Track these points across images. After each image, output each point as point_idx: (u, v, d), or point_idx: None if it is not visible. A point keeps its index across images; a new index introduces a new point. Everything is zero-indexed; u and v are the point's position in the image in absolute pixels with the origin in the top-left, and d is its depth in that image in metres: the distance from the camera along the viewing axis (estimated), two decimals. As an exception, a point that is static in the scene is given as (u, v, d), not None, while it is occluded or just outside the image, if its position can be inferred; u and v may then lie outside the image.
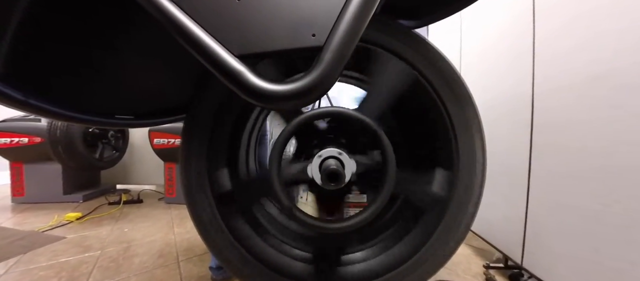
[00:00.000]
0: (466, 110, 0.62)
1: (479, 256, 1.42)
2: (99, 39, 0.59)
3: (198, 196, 0.64)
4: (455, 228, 0.61)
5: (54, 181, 2.36)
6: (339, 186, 0.54)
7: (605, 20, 0.80)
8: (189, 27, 0.33)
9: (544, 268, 1.00)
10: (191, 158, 0.64)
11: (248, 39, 0.34)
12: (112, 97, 0.77)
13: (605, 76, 0.79)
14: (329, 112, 0.54)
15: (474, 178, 0.62)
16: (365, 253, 0.70)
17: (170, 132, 2.26)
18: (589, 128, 0.84)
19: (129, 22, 0.57)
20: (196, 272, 1.24)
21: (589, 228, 0.84)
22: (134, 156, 3.03)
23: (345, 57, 0.35)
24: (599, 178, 0.81)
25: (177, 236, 1.68)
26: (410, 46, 0.60)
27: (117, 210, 2.22)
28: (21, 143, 2.24)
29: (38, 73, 0.57)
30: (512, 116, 1.18)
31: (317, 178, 0.56)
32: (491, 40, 1.37)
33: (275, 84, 0.35)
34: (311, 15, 0.35)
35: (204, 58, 0.34)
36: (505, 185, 1.22)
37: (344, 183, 0.54)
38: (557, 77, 0.96)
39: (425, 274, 0.61)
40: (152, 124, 0.92)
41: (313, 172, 0.57)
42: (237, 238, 0.65)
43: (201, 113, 0.64)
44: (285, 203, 0.53)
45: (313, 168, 0.57)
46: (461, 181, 0.62)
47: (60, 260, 1.35)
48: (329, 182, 0.52)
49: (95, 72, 0.67)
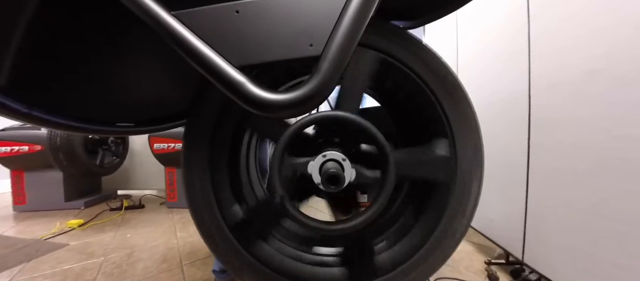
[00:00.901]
0: (461, 107, 0.63)
1: (481, 253, 1.43)
2: (100, 51, 0.60)
3: (201, 201, 0.65)
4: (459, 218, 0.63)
5: (55, 188, 2.37)
6: (336, 189, 0.55)
7: (599, 14, 0.81)
8: (189, 41, 0.34)
9: (545, 263, 1.01)
10: (193, 164, 0.65)
11: (247, 50, 0.35)
12: (113, 106, 0.78)
13: (601, 70, 0.80)
14: (324, 117, 0.54)
15: (473, 173, 0.63)
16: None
17: (170, 136, 2.27)
18: (586, 123, 0.85)
19: (130, 33, 0.58)
20: (200, 276, 1.25)
21: (588, 223, 0.85)
22: (134, 161, 3.04)
23: (342, 65, 0.36)
24: (597, 172, 0.82)
25: (179, 240, 1.68)
26: (405, 48, 0.61)
27: (119, 215, 2.23)
28: (22, 151, 2.25)
29: (41, 85, 0.58)
30: (510, 113, 1.19)
31: (315, 176, 0.57)
32: (487, 38, 1.38)
33: (274, 94, 0.35)
34: (308, 26, 0.36)
35: (205, 70, 0.35)
36: (504, 182, 1.23)
37: (341, 188, 0.55)
38: (553, 73, 0.97)
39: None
40: (153, 131, 0.93)
41: (313, 170, 0.58)
42: (242, 244, 0.66)
43: (202, 119, 0.65)
44: (279, 193, 0.53)
45: (314, 165, 0.58)
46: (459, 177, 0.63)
47: (64, 267, 1.35)
48: (328, 184, 0.53)
49: (96, 82, 0.68)
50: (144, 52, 0.64)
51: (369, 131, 0.54)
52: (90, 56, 0.59)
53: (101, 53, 0.61)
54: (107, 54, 0.63)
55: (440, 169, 0.62)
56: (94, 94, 0.70)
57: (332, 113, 0.57)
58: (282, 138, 0.54)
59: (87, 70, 0.64)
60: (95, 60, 0.63)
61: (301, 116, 0.54)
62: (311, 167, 0.58)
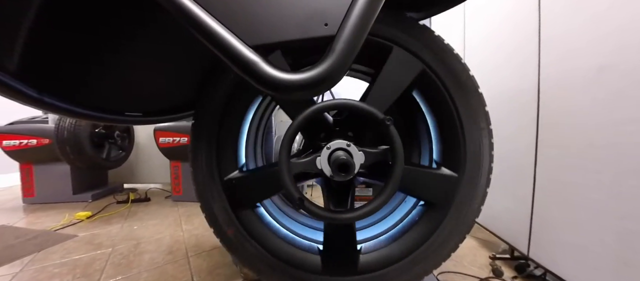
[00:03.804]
0: (472, 101, 0.63)
1: (485, 248, 1.42)
2: (111, 37, 0.60)
3: (208, 189, 0.65)
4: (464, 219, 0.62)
5: (63, 181, 2.40)
6: (349, 177, 0.55)
7: (610, 10, 0.79)
8: (203, 19, 0.34)
9: (551, 258, 1.00)
10: (200, 155, 0.65)
11: (261, 29, 0.35)
12: (122, 95, 0.78)
13: (612, 66, 0.78)
14: (339, 104, 0.54)
15: (481, 170, 0.63)
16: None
17: (175, 130, 2.28)
18: (595, 118, 0.84)
19: (141, 21, 0.58)
20: (206, 267, 1.27)
21: (595, 218, 0.84)
22: (139, 155, 3.07)
23: (356, 47, 0.36)
24: (605, 168, 0.80)
25: (185, 233, 1.70)
26: (417, 38, 0.60)
27: (126, 208, 2.26)
28: (30, 145, 2.28)
29: (52, 70, 0.58)
30: (517, 105, 1.18)
31: (326, 170, 0.57)
32: (495, 31, 1.36)
33: (288, 74, 0.35)
34: (323, 5, 0.35)
35: (218, 49, 0.35)
36: (510, 176, 1.22)
37: (353, 173, 0.55)
38: (563, 67, 0.95)
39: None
40: (160, 121, 0.94)
41: (322, 164, 0.58)
42: (249, 232, 0.67)
43: (209, 109, 0.65)
44: (295, 195, 0.54)
45: (322, 160, 0.58)
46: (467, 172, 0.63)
47: (74, 257, 1.38)
48: (340, 172, 0.53)
49: (106, 70, 0.68)
50: (153, 40, 0.64)
51: (379, 119, 0.54)
52: (100, 43, 0.60)
53: (112, 41, 0.61)
54: (117, 43, 0.63)
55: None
56: (104, 83, 0.71)
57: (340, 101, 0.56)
58: (285, 139, 0.53)
59: (96, 57, 0.64)
60: (106, 49, 0.63)
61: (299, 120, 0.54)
62: (319, 161, 0.58)
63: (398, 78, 0.59)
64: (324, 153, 0.58)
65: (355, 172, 0.55)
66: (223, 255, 1.37)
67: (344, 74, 0.38)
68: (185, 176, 2.40)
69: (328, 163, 0.57)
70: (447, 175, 0.64)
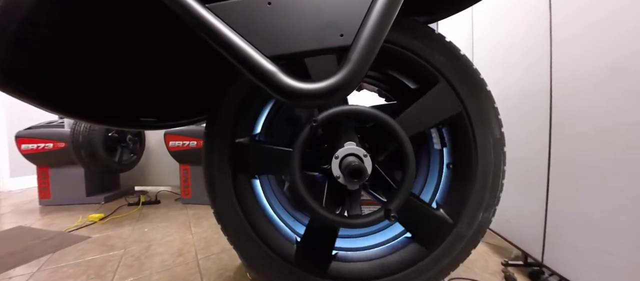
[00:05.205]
0: (483, 104, 0.62)
1: (497, 254, 1.39)
2: (129, 48, 0.62)
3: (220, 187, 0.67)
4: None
5: (77, 184, 2.48)
6: (361, 182, 0.55)
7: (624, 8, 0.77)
8: (223, 32, 0.35)
9: (567, 265, 0.98)
10: (213, 161, 0.67)
11: (279, 40, 0.36)
12: (137, 101, 0.81)
13: (625, 65, 0.77)
14: (371, 116, 0.54)
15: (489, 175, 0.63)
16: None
17: (185, 134, 2.33)
18: (611, 118, 0.82)
19: (156, 31, 0.60)
20: (215, 269, 1.28)
21: (613, 223, 0.81)
22: (150, 158, 3.14)
23: (371, 56, 0.36)
24: (624, 170, 0.78)
25: (194, 235, 1.73)
26: (463, 81, 0.61)
27: (137, 210, 2.30)
28: (46, 148, 2.36)
29: (77, 83, 0.61)
30: (529, 106, 1.16)
31: (340, 179, 0.57)
32: (505, 31, 1.35)
33: (305, 83, 0.36)
34: (339, 16, 0.36)
35: (238, 60, 0.36)
36: (523, 180, 1.20)
37: (365, 179, 0.55)
38: (576, 65, 0.93)
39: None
40: (174, 125, 0.96)
41: (333, 170, 0.58)
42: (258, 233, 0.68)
43: (222, 114, 0.67)
44: (311, 205, 0.54)
45: (333, 166, 0.58)
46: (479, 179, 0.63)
47: (87, 258, 1.41)
48: (352, 178, 0.53)
49: (122, 78, 0.71)
50: (169, 51, 0.66)
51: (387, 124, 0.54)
52: (126, 57, 0.62)
53: (130, 50, 0.64)
54: (134, 52, 0.65)
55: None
56: (120, 90, 0.73)
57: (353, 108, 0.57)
58: (295, 152, 0.54)
59: (114, 67, 0.66)
60: (124, 57, 0.66)
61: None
62: (334, 170, 0.58)
63: (436, 110, 0.59)
64: (334, 163, 0.57)
65: (367, 175, 0.55)
66: (232, 258, 1.38)
67: (358, 83, 0.38)
68: (194, 179, 2.44)
69: (340, 171, 0.58)
70: (443, 219, 0.64)
